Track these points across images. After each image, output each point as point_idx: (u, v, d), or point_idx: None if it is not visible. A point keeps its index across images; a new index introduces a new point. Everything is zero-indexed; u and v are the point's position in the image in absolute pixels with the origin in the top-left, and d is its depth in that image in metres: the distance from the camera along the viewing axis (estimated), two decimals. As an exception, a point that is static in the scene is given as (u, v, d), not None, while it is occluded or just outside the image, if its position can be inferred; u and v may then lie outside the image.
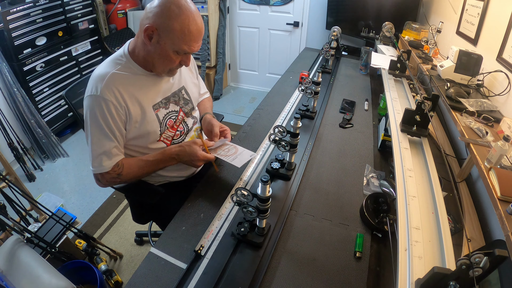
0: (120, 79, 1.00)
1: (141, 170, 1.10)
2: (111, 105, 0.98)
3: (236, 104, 3.63)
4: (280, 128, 1.08)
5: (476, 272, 0.51)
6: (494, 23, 1.32)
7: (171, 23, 0.92)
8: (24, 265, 1.20)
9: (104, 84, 0.97)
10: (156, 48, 0.97)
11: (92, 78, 1.01)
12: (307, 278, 0.82)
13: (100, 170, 1.03)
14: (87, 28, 2.87)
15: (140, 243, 1.89)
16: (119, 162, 1.05)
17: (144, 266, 0.84)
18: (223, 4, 3.30)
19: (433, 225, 0.78)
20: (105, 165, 1.03)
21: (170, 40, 0.95)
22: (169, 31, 0.93)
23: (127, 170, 1.07)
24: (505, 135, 0.82)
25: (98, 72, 1.01)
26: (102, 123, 0.98)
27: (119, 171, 1.05)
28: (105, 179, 1.06)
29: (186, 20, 0.93)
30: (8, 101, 2.30)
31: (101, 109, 0.97)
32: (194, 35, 0.96)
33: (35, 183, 2.37)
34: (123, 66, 1.03)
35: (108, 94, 0.97)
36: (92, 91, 0.98)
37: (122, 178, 1.07)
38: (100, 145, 1.01)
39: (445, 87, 1.23)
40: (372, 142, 1.40)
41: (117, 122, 1.00)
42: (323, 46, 2.12)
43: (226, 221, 0.96)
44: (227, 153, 1.15)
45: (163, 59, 1.00)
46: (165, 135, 1.14)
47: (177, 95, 1.18)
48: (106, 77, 0.98)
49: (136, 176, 1.11)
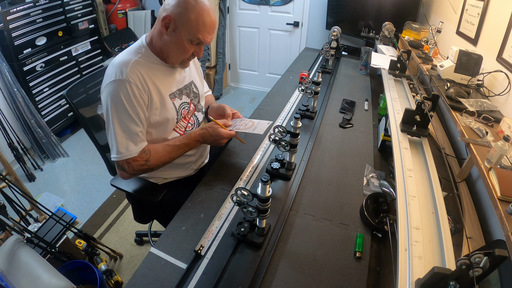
0: (142, 66, 1.03)
1: (169, 155, 1.10)
2: (136, 88, 0.99)
3: (236, 104, 3.63)
4: (280, 128, 1.08)
5: (476, 272, 0.51)
6: (494, 23, 1.32)
7: (187, 13, 0.97)
8: (24, 265, 1.19)
9: (129, 69, 1.00)
10: (172, 36, 1.01)
11: (114, 65, 1.02)
12: (307, 278, 0.82)
13: (127, 156, 1.02)
14: (87, 28, 2.87)
15: (140, 243, 1.89)
16: (145, 149, 1.05)
17: (144, 266, 0.84)
18: (223, 4, 3.30)
19: (433, 225, 0.78)
20: (132, 149, 1.02)
21: (186, 29, 0.99)
22: (185, 21, 0.98)
23: (155, 156, 1.07)
24: (505, 135, 0.82)
25: (120, 59, 1.03)
26: (127, 107, 0.99)
27: (146, 157, 1.05)
28: (131, 167, 1.04)
29: (201, 12, 0.99)
30: (8, 101, 2.30)
31: (126, 93, 0.98)
32: (208, 26, 1.01)
33: (35, 183, 2.37)
34: (143, 55, 1.06)
35: (134, 78, 0.99)
36: (117, 76, 0.99)
37: (150, 164, 1.07)
38: (125, 129, 1.00)
39: (445, 87, 1.23)
40: (372, 142, 1.40)
41: (141, 105, 1.02)
42: (323, 46, 2.12)
43: (226, 221, 0.97)
44: (246, 126, 1.21)
45: (177, 48, 1.04)
46: (179, 124, 1.17)
47: (188, 88, 1.22)
48: (130, 62, 1.01)
49: (164, 161, 1.10)
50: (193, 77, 1.26)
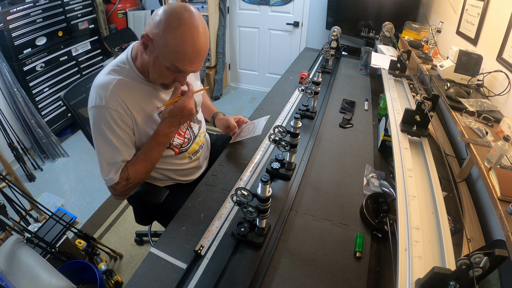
0: (124, 88, 0.95)
1: (145, 163, 1.03)
2: (117, 114, 0.93)
3: (236, 104, 3.63)
4: (280, 128, 1.08)
5: (476, 272, 0.51)
6: (494, 23, 1.32)
7: (166, 36, 0.85)
8: (24, 265, 1.20)
9: (109, 94, 0.92)
10: (150, 58, 0.91)
11: (95, 87, 0.95)
12: (307, 278, 0.82)
13: (110, 183, 1.00)
14: (87, 28, 2.88)
15: (140, 243, 1.89)
16: (123, 167, 1.01)
17: (144, 266, 0.83)
18: (223, 4, 3.30)
19: (433, 225, 0.78)
20: (113, 177, 0.98)
21: (163, 54, 0.88)
22: (163, 45, 0.86)
23: (132, 170, 1.02)
24: (505, 135, 0.82)
25: (101, 81, 0.96)
26: (108, 135, 0.94)
27: (125, 176, 1.01)
28: (117, 190, 1.02)
29: (183, 37, 0.85)
30: (8, 101, 2.30)
31: (106, 121, 0.93)
32: (188, 55, 0.88)
33: (35, 183, 2.37)
34: (127, 74, 0.98)
35: (113, 104, 0.92)
36: (97, 102, 0.93)
37: (132, 181, 1.02)
38: (107, 157, 0.97)
39: (445, 87, 1.23)
40: (372, 142, 1.40)
41: (124, 130, 0.97)
42: (323, 46, 2.12)
43: (226, 221, 0.96)
44: (248, 131, 1.27)
45: (156, 72, 0.94)
46: (175, 142, 1.12)
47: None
48: (110, 85, 0.93)
49: (144, 171, 1.03)
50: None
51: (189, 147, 1.20)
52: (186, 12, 0.86)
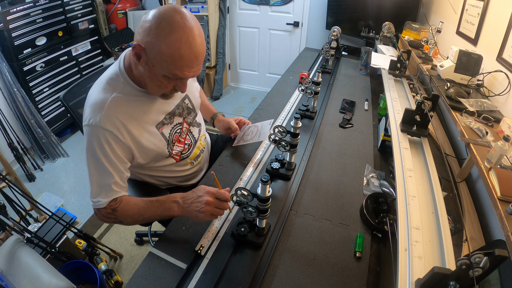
0: (119, 106, 0.90)
1: (139, 211, 0.93)
2: (112, 137, 0.88)
3: (236, 104, 3.63)
4: (280, 128, 1.08)
5: (476, 272, 0.51)
6: (494, 23, 1.32)
7: (159, 43, 0.79)
8: (24, 265, 1.19)
9: (104, 114, 0.87)
10: (145, 69, 0.85)
11: (90, 105, 0.90)
12: (307, 278, 0.82)
13: (97, 206, 0.92)
14: (87, 28, 2.88)
15: (140, 243, 1.89)
16: (118, 198, 0.93)
17: (144, 266, 0.84)
18: (223, 4, 3.30)
19: (433, 225, 0.78)
20: (101, 200, 0.91)
21: (159, 63, 0.82)
22: (157, 53, 0.80)
23: (124, 207, 0.93)
24: (505, 135, 0.82)
25: (95, 99, 0.90)
26: (101, 158, 0.89)
27: (115, 206, 0.92)
28: (101, 214, 0.93)
29: (178, 43, 0.79)
30: (8, 101, 2.30)
31: (99, 142, 0.88)
32: (186, 60, 0.82)
33: (35, 183, 2.37)
34: (121, 89, 0.92)
35: (108, 125, 0.87)
36: (91, 121, 0.88)
37: (117, 215, 0.93)
38: (98, 179, 0.91)
39: (445, 87, 1.23)
40: (372, 142, 1.40)
41: (118, 154, 0.91)
42: (323, 46, 2.12)
43: (226, 221, 0.96)
44: (252, 135, 1.23)
45: (153, 83, 0.89)
46: (174, 151, 1.08)
47: (180, 107, 1.10)
48: (105, 105, 0.88)
49: (133, 216, 0.94)
50: (187, 90, 1.09)
51: (190, 152, 1.17)
52: (176, 14, 0.79)
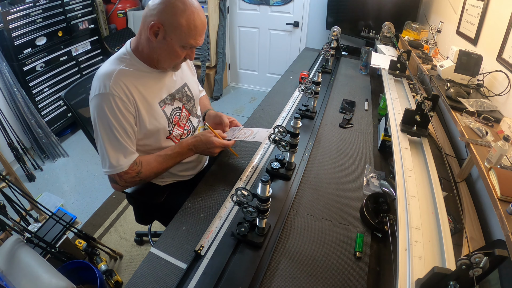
0: (127, 76, 0.99)
1: (161, 166, 1.08)
2: (121, 101, 0.96)
3: (236, 104, 3.63)
4: (280, 128, 1.08)
5: (476, 272, 0.51)
6: (494, 23, 1.32)
7: (177, 19, 0.93)
8: (24, 265, 1.19)
9: (113, 81, 0.96)
10: (162, 44, 0.97)
11: (98, 77, 0.99)
12: (307, 278, 0.82)
13: (118, 170, 1.00)
14: (87, 28, 2.87)
15: (140, 243, 1.89)
16: (137, 160, 1.03)
17: (144, 266, 0.84)
18: (223, 4, 3.30)
19: (433, 225, 0.78)
20: (122, 164, 1.00)
21: (177, 35, 0.96)
22: (176, 27, 0.94)
23: (147, 167, 1.05)
24: (505, 135, 0.82)
25: (104, 70, 1.00)
26: (113, 121, 0.96)
27: (138, 169, 1.03)
28: (123, 180, 1.03)
29: (192, 15, 0.94)
30: (8, 101, 2.30)
31: (110, 107, 0.95)
32: (199, 29, 0.98)
33: (35, 183, 2.37)
34: (128, 64, 1.02)
35: (117, 90, 0.96)
36: (100, 89, 0.96)
37: (142, 176, 1.05)
38: (114, 143, 0.98)
39: (445, 87, 1.23)
40: (372, 142, 1.40)
41: (127, 118, 0.99)
42: (323, 46, 2.12)
43: (226, 221, 0.96)
44: (245, 135, 1.20)
45: (169, 55, 1.00)
46: (174, 133, 1.14)
47: (180, 92, 1.18)
48: (113, 74, 0.97)
49: (156, 172, 1.08)
50: (185, 79, 1.22)
51: None
52: None
